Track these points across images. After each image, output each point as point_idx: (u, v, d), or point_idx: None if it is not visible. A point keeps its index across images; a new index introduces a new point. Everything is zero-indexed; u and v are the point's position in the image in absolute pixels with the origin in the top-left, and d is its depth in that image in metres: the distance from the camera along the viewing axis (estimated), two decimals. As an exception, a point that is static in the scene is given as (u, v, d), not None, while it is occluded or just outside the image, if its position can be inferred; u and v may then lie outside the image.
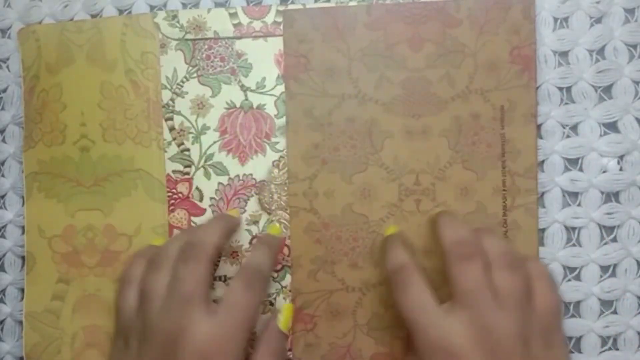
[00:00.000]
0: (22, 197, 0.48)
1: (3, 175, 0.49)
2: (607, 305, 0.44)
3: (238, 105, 0.45)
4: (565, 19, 0.44)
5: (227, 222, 0.43)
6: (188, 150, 0.46)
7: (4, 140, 0.49)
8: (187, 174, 0.46)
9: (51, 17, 0.48)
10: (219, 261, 0.45)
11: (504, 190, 0.43)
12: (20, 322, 0.48)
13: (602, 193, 0.44)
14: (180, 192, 0.46)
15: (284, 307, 0.44)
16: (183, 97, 0.46)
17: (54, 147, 0.47)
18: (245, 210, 0.45)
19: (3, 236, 0.49)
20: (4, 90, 0.49)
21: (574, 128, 0.44)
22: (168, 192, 0.46)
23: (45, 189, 0.47)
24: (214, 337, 0.37)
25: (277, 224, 0.45)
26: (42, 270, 0.47)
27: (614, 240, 0.44)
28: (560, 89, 0.44)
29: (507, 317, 0.36)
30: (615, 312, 0.44)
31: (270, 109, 0.45)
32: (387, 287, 0.44)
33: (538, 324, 0.37)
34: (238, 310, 0.38)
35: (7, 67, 0.49)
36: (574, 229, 0.44)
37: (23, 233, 0.48)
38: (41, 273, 0.47)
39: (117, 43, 0.46)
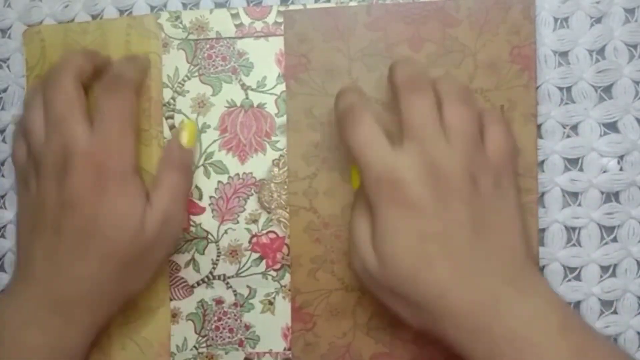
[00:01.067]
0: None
1: (3, 176, 0.49)
2: (607, 305, 0.44)
3: (239, 104, 0.46)
4: (565, 19, 0.44)
5: (89, 51, 0.45)
6: (188, 149, 0.46)
7: (4, 140, 0.49)
8: (188, 172, 0.46)
9: (51, 17, 0.49)
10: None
11: (504, 190, 0.43)
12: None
13: (602, 193, 0.44)
14: (180, 191, 0.46)
15: (186, 123, 0.44)
16: (184, 96, 0.46)
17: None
18: (244, 209, 0.45)
19: (3, 236, 0.49)
20: (5, 90, 0.49)
21: (574, 128, 0.44)
22: (168, 190, 0.46)
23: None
24: (96, 145, 0.39)
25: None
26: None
27: (614, 240, 0.44)
28: (560, 89, 0.44)
29: (456, 152, 0.36)
30: (615, 312, 0.44)
31: (271, 108, 0.45)
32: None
33: (488, 165, 0.37)
34: (110, 116, 0.40)
35: (8, 67, 0.49)
36: (574, 229, 0.44)
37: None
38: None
39: (121, 44, 0.46)
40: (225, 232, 0.45)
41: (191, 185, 0.45)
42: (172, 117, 0.46)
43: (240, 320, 0.45)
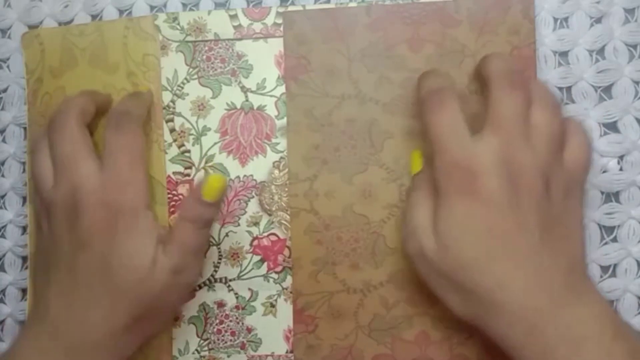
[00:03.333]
0: (22, 197, 0.49)
1: (3, 175, 0.49)
2: (608, 305, 0.44)
3: (238, 106, 0.46)
4: (565, 19, 0.44)
5: (91, 92, 0.44)
6: (189, 151, 0.46)
7: (4, 141, 0.49)
8: (188, 175, 0.46)
9: (51, 18, 0.49)
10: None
11: (505, 190, 0.43)
12: (20, 323, 0.48)
13: (602, 193, 0.44)
14: (181, 194, 0.46)
15: (209, 177, 0.40)
16: (183, 99, 0.46)
17: (56, 149, 0.47)
18: (245, 212, 0.45)
19: (3, 236, 0.49)
20: (5, 90, 0.49)
21: (574, 128, 0.44)
22: (169, 193, 0.46)
23: (46, 191, 0.47)
24: (106, 183, 0.39)
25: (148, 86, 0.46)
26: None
27: (614, 240, 0.44)
28: (560, 89, 0.44)
29: (536, 153, 0.36)
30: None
31: (271, 110, 0.45)
32: (387, 287, 0.44)
33: (563, 173, 0.37)
34: (118, 153, 0.40)
35: (8, 67, 0.49)
36: (574, 229, 0.44)
37: (23, 233, 0.49)
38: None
39: (118, 46, 0.46)
40: (227, 234, 0.45)
41: (207, 238, 0.44)
42: (172, 120, 0.46)
43: (242, 323, 0.45)
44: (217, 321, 0.46)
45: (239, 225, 0.45)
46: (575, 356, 0.34)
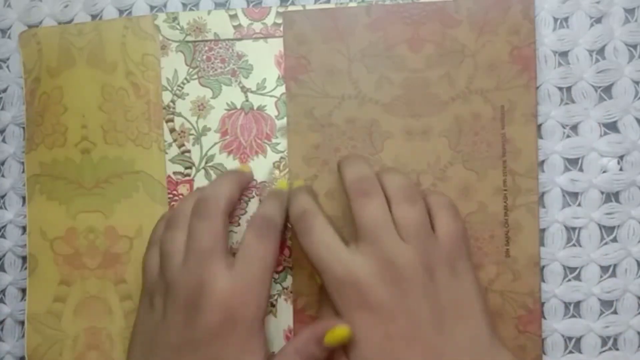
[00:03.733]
0: (22, 197, 0.49)
1: (3, 176, 0.49)
2: (607, 305, 0.44)
3: (239, 106, 0.46)
4: (565, 19, 0.44)
5: (238, 176, 0.44)
6: (189, 151, 0.46)
7: (4, 141, 0.49)
8: (188, 175, 0.46)
9: (51, 18, 0.48)
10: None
11: (505, 190, 0.44)
12: (20, 323, 0.48)
13: (602, 193, 0.44)
14: (181, 194, 0.46)
15: (340, 329, 0.37)
16: (183, 99, 0.46)
17: (56, 149, 0.47)
18: (246, 212, 0.45)
19: (3, 236, 0.49)
20: (4, 90, 0.49)
21: (574, 128, 0.44)
22: (169, 193, 0.46)
23: (47, 191, 0.47)
24: (234, 289, 0.38)
25: (285, 180, 0.45)
26: (44, 272, 0.47)
27: (614, 240, 0.44)
28: (560, 89, 0.44)
29: (409, 248, 0.37)
30: (615, 312, 0.44)
31: (271, 110, 0.45)
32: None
33: (442, 253, 0.38)
34: (254, 262, 0.39)
35: (8, 67, 0.49)
36: (574, 229, 0.44)
37: (23, 233, 0.49)
38: (43, 275, 0.47)
39: (117, 45, 0.46)
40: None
41: None
42: (172, 120, 0.46)
43: (243, 323, 0.45)
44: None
45: (239, 225, 0.45)
46: None
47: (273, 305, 0.45)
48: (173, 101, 0.46)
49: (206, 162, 0.46)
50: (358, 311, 0.37)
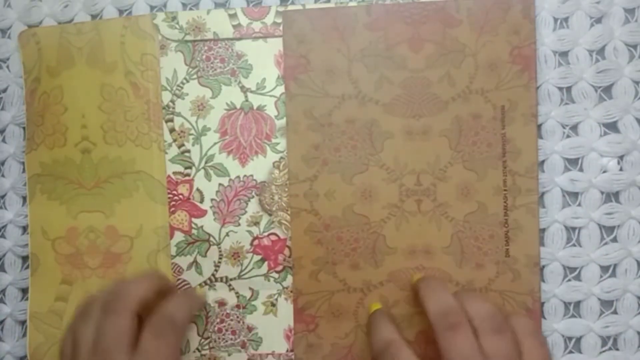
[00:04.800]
0: (22, 197, 0.49)
1: (3, 176, 0.49)
2: (607, 305, 0.44)
3: (238, 106, 0.45)
4: (565, 19, 0.44)
5: (158, 279, 0.44)
6: (188, 151, 0.46)
7: (4, 140, 0.49)
8: (188, 175, 0.46)
9: (51, 18, 0.48)
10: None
11: (505, 190, 0.44)
12: (20, 323, 0.48)
13: (602, 193, 0.44)
14: (181, 194, 0.46)
15: None
16: (183, 99, 0.46)
17: (56, 149, 0.47)
18: (246, 212, 0.45)
19: (3, 236, 0.49)
20: (4, 90, 0.49)
21: (574, 128, 0.44)
22: (169, 193, 0.46)
23: (47, 191, 0.47)
24: None
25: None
26: (46, 271, 0.47)
27: (614, 240, 0.44)
28: (560, 89, 0.44)
29: None
30: (615, 312, 0.44)
31: (271, 110, 0.45)
32: (387, 286, 0.44)
33: None
34: (150, 358, 0.39)
35: (7, 67, 0.49)
36: (574, 229, 0.44)
37: (23, 233, 0.49)
38: (45, 274, 0.47)
39: (116, 45, 0.46)
40: (227, 234, 0.45)
41: None
42: (171, 120, 0.46)
43: (243, 322, 0.45)
44: (218, 320, 0.46)
45: (239, 225, 0.45)
46: None
47: (273, 305, 0.45)
48: (173, 101, 0.46)
49: (206, 162, 0.46)
50: None
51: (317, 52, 0.45)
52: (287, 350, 0.45)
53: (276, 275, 0.45)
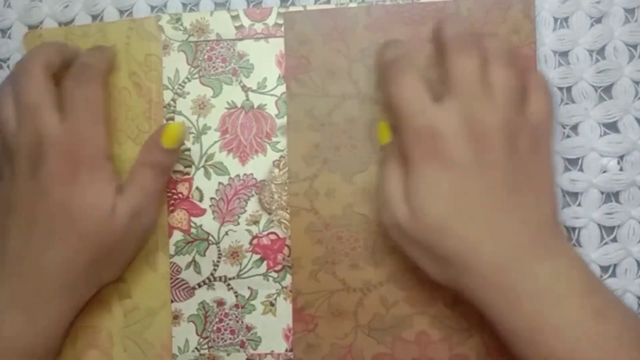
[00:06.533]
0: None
1: (4, 176, 0.49)
2: (608, 305, 0.44)
3: (239, 105, 0.46)
4: (565, 19, 0.44)
5: (58, 44, 0.45)
6: (188, 150, 0.46)
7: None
8: (188, 174, 0.46)
9: (51, 18, 0.49)
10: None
11: (505, 190, 0.43)
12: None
13: (602, 193, 0.44)
14: (180, 192, 0.46)
15: (168, 125, 0.44)
16: (184, 98, 0.46)
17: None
18: (245, 210, 0.45)
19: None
20: (5, 91, 0.49)
21: (574, 128, 0.44)
22: (168, 192, 0.46)
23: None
24: (68, 133, 0.40)
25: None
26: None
27: (614, 240, 0.44)
28: (560, 89, 0.44)
29: (497, 110, 0.36)
30: (615, 312, 0.44)
31: (271, 109, 0.45)
32: (387, 286, 0.44)
33: (527, 127, 0.37)
34: (79, 104, 0.41)
35: (8, 67, 0.50)
36: (574, 229, 0.44)
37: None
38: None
39: (121, 46, 0.46)
40: (226, 233, 0.45)
41: (164, 184, 0.45)
42: (172, 119, 0.46)
43: (242, 322, 0.45)
44: (217, 320, 0.46)
45: (238, 224, 0.45)
46: (540, 312, 0.34)
47: (272, 304, 0.45)
48: (174, 100, 0.46)
49: (206, 161, 0.46)
50: (431, 161, 0.36)
51: (318, 52, 0.45)
52: (286, 350, 0.45)
53: (275, 275, 0.45)
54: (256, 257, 0.45)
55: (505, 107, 0.36)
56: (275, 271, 0.45)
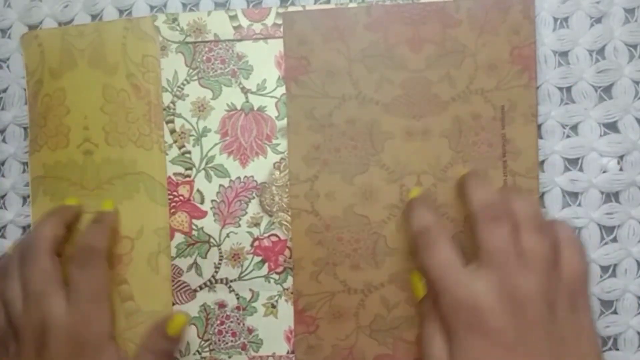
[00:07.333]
0: (23, 198, 0.49)
1: (3, 176, 0.49)
2: (607, 305, 0.44)
3: (239, 107, 0.45)
4: (565, 19, 0.44)
5: (61, 212, 0.46)
6: (189, 152, 0.46)
7: (4, 141, 0.49)
8: (188, 176, 0.46)
9: (51, 18, 0.49)
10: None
11: (505, 190, 0.44)
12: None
13: (602, 193, 0.44)
14: (182, 195, 0.46)
15: (177, 316, 0.44)
16: (184, 100, 0.46)
17: (59, 150, 0.47)
18: (246, 213, 0.45)
19: (3, 236, 0.50)
20: (5, 91, 0.49)
21: (574, 128, 0.44)
22: (169, 194, 0.46)
23: (50, 192, 0.47)
24: (72, 318, 0.41)
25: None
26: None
27: (614, 240, 0.44)
28: (560, 89, 0.44)
29: (533, 278, 0.36)
30: (615, 312, 0.44)
31: (271, 111, 0.45)
32: (388, 287, 0.44)
33: (564, 288, 0.37)
34: (83, 290, 0.42)
35: (8, 67, 0.49)
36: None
37: (23, 233, 0.49)
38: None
39: (118, 47, 0.46)
40: (227, 235, 0.45)
41: None
42: (172, 122, 0.46)
43: (243, 324, 0.45)
44: (218, 322, 0.46)
45: (239, 226, 0.45)
46: None
47: (274, 306, 0.45)
48: (173, 102, 0.46)
49: (206, 163, 0.46)
50: (474, 335, 0.36)
51: (318, 53, 0.45)
52: (288, 352, 0.45)
53: (276, 277, 0.45)
54: (257, 259, 0.45)
55: (540, 273, 0.36)
56: (276, 273, 0.45)
